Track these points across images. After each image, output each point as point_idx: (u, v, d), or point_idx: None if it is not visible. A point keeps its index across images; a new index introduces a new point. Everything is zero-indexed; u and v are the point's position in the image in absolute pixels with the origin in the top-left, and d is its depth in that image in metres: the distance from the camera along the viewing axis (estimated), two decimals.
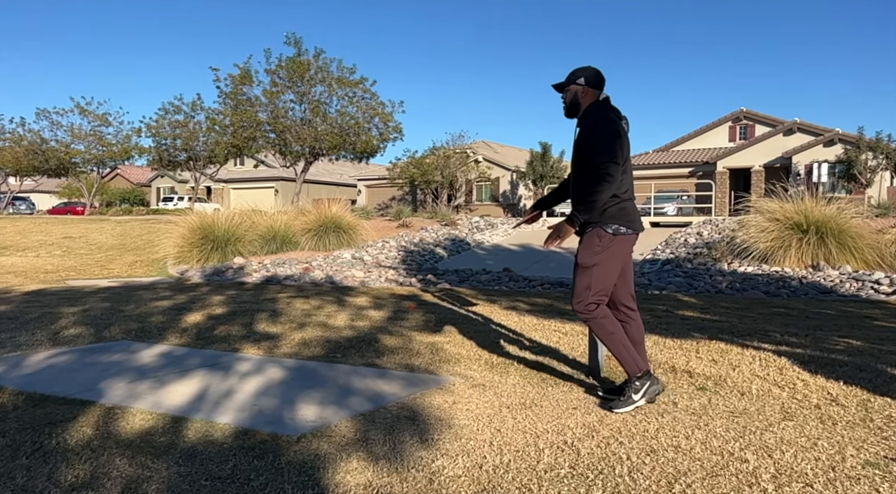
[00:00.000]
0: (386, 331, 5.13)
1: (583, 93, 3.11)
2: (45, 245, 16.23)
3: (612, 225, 3.02)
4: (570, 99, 3.14)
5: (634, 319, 3.24)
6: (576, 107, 3.14)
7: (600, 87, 3.12)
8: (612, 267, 3.07)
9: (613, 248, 3.03)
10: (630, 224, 3.06)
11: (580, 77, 3.10)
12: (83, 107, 31.53)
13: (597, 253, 3.03)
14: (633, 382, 3.03)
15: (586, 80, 3.09)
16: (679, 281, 8.65)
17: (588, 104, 3.12)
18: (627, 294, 3.23)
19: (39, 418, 2.89)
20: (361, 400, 3.22)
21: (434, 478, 2.27)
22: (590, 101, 3.11)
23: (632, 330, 3.20)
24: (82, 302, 6.78)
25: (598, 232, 3.03)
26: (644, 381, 3.04)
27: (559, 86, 3.19)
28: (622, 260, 3.10)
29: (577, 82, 3.10)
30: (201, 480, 2.23)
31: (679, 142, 32.99)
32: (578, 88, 3.11)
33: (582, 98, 3.12)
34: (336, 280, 9.37)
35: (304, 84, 23.03)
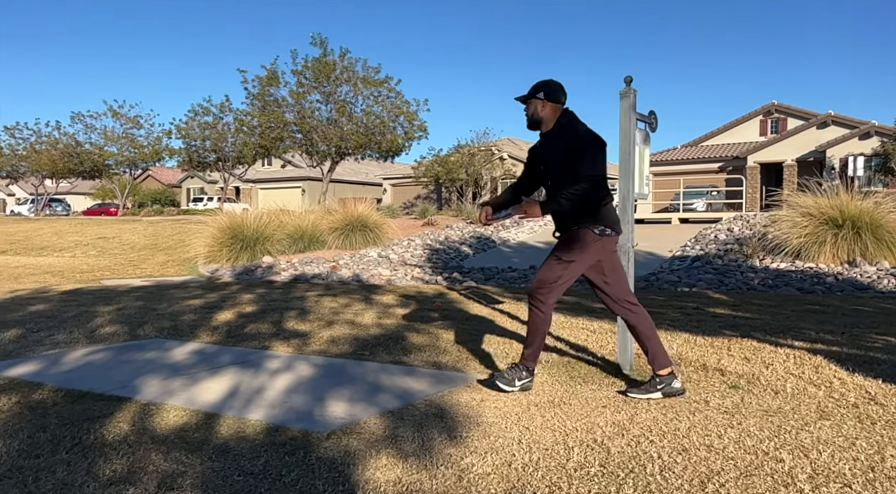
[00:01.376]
0: (413, 329, 5.15)
1: (542, 106, 3.21)
2: (80, 245, 16.64)
3: (598, 226, 3.15)
4: (532, 112, 3.25)
5: (638, 312, 3.29)
6: (537, 121, 3.25)
7: (561, 101, 3.23)
8: (584, 266, 3.22)
9: (595, 248, 3.17)
10: (614, 226, 3.22)
11: (540, 91, 3.21)
12: (116, 111, 32.25)
13: (580, 250, 3.16)
14: (522, 370, 3.26)
15: (546, 94, 3.20)
16: (709, 277, 8.52)
17: (557, 117, 3.22)
18: (626, 290, 3.32)
19: (78, 414, 2.96)
20: (390, 398, 3.24)
21: (463, 476, 2.27)
22: (552, 114, 3.22)
23: (640, 325, 3.26)
24: (117, 301, 6.94)
25: (587, 231, 3.15)
26: (529, 376, 3.26)
27: (522, 98, 3.28)
28: (595, 260, 3.22)
29: (538, 96, 3.21)
30: (234, 475, 2.27)
31: (708, 137, 32.45)
32: (539, 102, 3.21)
33: (542, 111, 3.22)
34: (363, 278, 9.43)
35: (330, 84, 23.20)
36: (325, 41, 22.94)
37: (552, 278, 3.18)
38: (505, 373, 3.27)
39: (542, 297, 3.19)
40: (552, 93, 3.19)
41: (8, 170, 35.68)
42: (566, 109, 3.24)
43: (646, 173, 3.86)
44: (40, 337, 4.87)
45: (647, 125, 3.86)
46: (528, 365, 3.28)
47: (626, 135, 3.64)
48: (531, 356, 3.28)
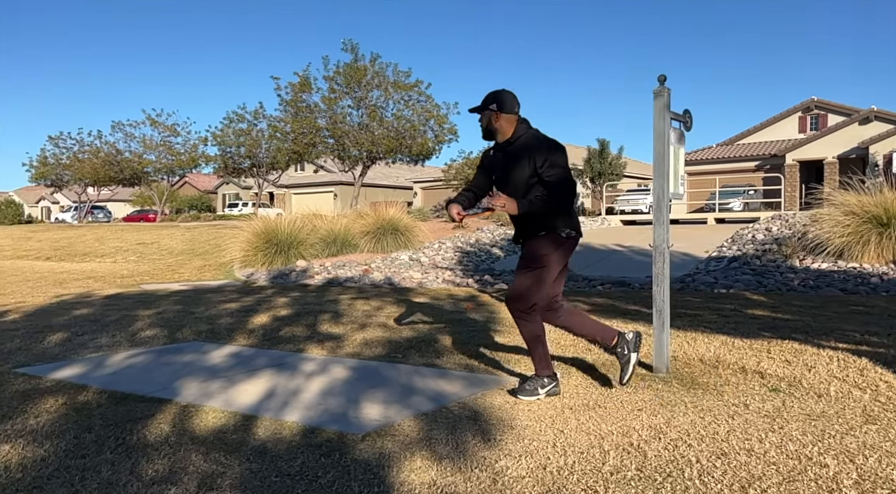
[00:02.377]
0: (445, 332, 5.16)
1: (496, 117, 3.24)
2: (121, 251, 17.11)
3: (564, 229, 3.20)
4: (486, 124, 3.27)
5: (563, 305, 3.41)
6: (492, 131, 3.27)
7: (515, 110, 3.25)
8: (555, 270, 3.25)
9: (562, 250, 3.23)
10: (577, 228, 3.28)
11: (493, 103, 3.24)
12: (154, 119, 33.08)
13: (548, 253, 3.19)
14: (542, 378, 3.23)
15: (498, 105, 3.22)
16: (747, 278, 8.33)
17: (514, 126, 3.25)
18: (559, 287, 3.40)
19: (121, 415, 3.05)
20: (423, 400, 3.25)
21: (498, 479, 2.26)
22: (507, 124, 3.24)
23: (570, 317, 3.42)
24: (156, 305, 7.11)
25: (553, 235, 3.19)
26: (552, 381, 3.25)
27: (475, 109, 3.30)
28: (564, 262, 3.30)
29: (490, 108, 3.23)
30: (272, 476, 2.30)
31: (744, 136, 31.77)
32: (492, 114, 3.24)
33: (496, 122, 3.24)
34: (394, 281, 9.48)
35: (361, 89, 23.42)
36: (357, 47, 23.19)
37: (524, 288, 3.20)
38: (526, 386, 3.24)
39: (522, 307, 3.21)
40: (505, 104, 3.23)
41: (53, 179, 36.85)
42: (522, 118, 3.27)
43: (681, 173, 3.80)
44: (84, 341, 5.02)
45: (682, 124, 3.81)
46: (544, 373, 3.25)
47: (660, 134, 3.59)
48: (542, 364, 3.26)
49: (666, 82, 3.57)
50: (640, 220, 18.95)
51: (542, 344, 3.29)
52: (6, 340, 5.02)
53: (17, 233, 23.50)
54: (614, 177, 27.99)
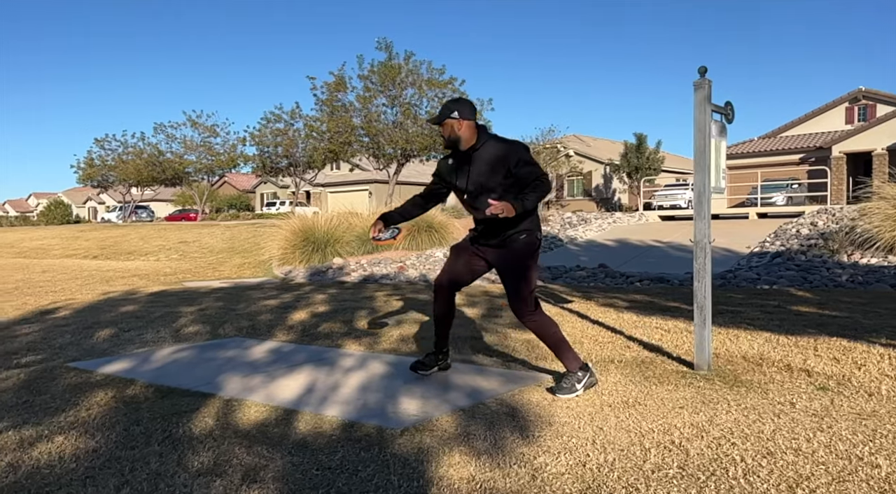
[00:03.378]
0: (481, 328, 5.15)
1: (459, 125, 3.24)
2: (163, 249, 17.57)
3: (537, 231, 3.31)
4: (449, 133, 3.27)
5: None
6: (455, 140, 3.27)
7: (475, 117, 3.30)
8: (537, 268, 3.34)
9: (538, 251, 3.33)
10: (540, 229, 3.38)
11: (454, 111, 3.24)
12: (194, 120, 33.88)
13: (532, 255, 3.28)
14: (576, 373, 3.24)
15: (460, 113, 3.24)
16: (791, 274, 8.11)
17: (475, 132, 3.27)
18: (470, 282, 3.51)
19: (167, 408, 3.13)
20: (460, 396, 3.26)
21: (537, 475, 2.25)
22: (469, 131, 3.26)
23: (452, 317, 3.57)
24: (198, 302, 7.29)
25: (531, 237, 3.26)
26: (586, 373, 3.27)
27: (435, 120, 3.30)
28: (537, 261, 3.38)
29: (453, 117, 3.24)
30: (312, 470, 2.34)
31: (787, 128, 30.87)
32: (454, 122, 3.24)
33: (459, 130, 3.25)
34: (429, 278, 9.51)
35: (396, 87, 23.52)
36: (391, 45, 23.28)
37: (524, 293, 3.26)
38: (563, 384, 3.24)
39: (530, 310, 3.28)
40: (467, 111, 3.25)
41: (99, 180, 38.06)
42: (480, 124, 3.31)
43: (722, 166, 3.72)
44: (131, 336, 5.18)
45: (723, 116, 3.72)
46: (574, 366, 3.26)
47: (700, 127, 3.52)
48: (570, 358, 3.28)
49: (707, 74, 3.50)
50: (679, 216, 18.60)
51: (562, 338, 3.33)
52: (58, 336, 5.21)
53: (67, 233, 24.34)
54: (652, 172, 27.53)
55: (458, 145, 3.27)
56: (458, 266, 3.45)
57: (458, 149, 3.29)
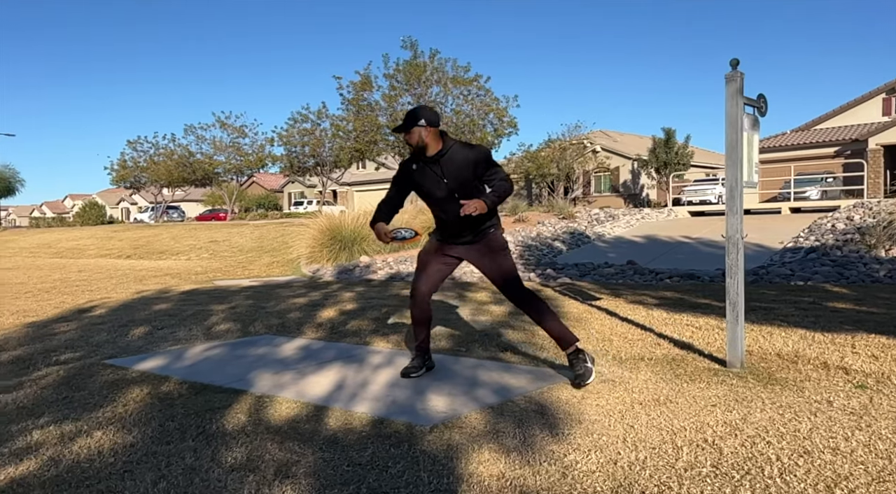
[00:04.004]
0: (508, 326, 5.14)
1: (426, 132, 3.35)
2: (194, 249, 17.88)
3: (501, 226, 3.56)
4: (416, 141, 3.37)
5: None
6: (423, 147, 3.38)
7: (439, 124, 3.42)
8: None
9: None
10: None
11: (421, 119, 3.34)
12: (223, 121, 34.37)
13: (505, 246, 3.53)
14: (579, 352, 3.42)
15: (427, 120, 3.35)
16: (826, 270, 7.92)
17: (439, 138, 3.40)
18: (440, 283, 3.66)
19: (201, 405, 3.19)
20: (488, 393, 3.25)
21: (567, 472, 2.24)
22: (434, 137, 3.38)
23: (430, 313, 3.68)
24: (229, 301, 7.40)
25: (499, 229, 3.55)
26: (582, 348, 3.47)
27: (401, 129, 3.40)
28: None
29: (419, 124, 3.34)
30: (343, 466, 2.36)
31: (821, 120, 30.13)
32: (422, 129, 3.34)
33: (427, 137, 3.36)
34: (455, 275, 9.52)
35: (421, 85, 23.57)
36: (416, 43, 23.34)
37: (516, 276, 3.50)
38: (577, 370, 3.34)
39: (526, 292, 3.49)
40: (432, 118, 3.36)
41: (131, 181, 38.89)
42: (441, 130, 3.44)
43: (755, 160, 3.65)
44: (164, 334, 5.28)
45: (756, 109, 3.65)
46: (575, 342, 3.45)
47: (732, 121, 3.45)
48: (570, 334, 3.46)
49: (738, 66, 3.43)
50: (709, 211, 18.30)
51: (555, 316, 3.49)
52: (94, 333, 5.34)
53: (101, 233, 24.93)
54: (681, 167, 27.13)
55: (425, 151, 3.39)
56: (433, 272, 3.57)
57: (425, 155, 3.40)
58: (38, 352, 4.58)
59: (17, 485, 2.24)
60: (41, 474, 2.34)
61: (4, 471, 2.37)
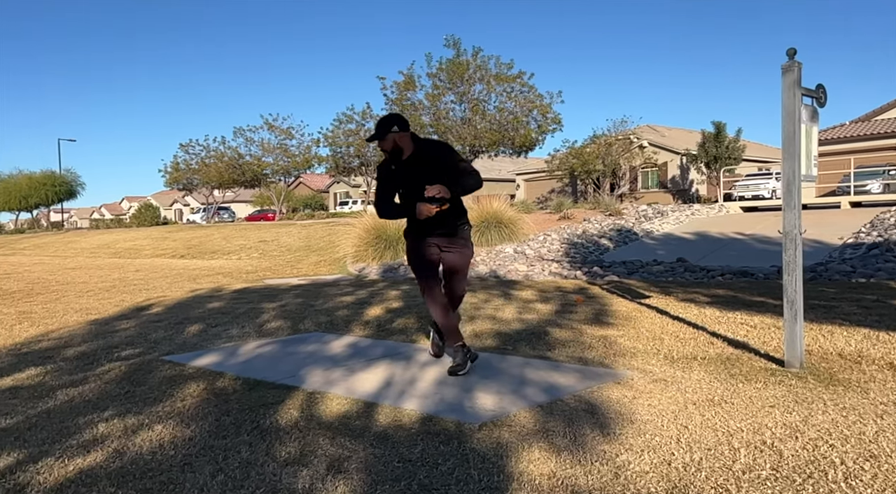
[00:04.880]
0: (555, 324, 5.10)
1: (401, 137, 3.62)
2: (244, 248, 18.33)
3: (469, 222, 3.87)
4: (392, 146, 3.63)
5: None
6: (399, 151, 3.65)
7: (409, 127, 3.68)
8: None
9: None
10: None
11: (394, 125, 3.60)
12: (271, 123, 35.10)
13: (470, 241, 3.84)
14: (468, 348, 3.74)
15: (400, 126, 3.62)
16: (891, 267, 7.57)
17: (412, 140, 3.66)
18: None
19: (254, 400, 3.27)
20: (537, 392, 3.23)
21: (620, 473, 2.21)
22: (408, 141, 3.65)
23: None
24: (279, 299, 7.56)
25: (469, 227, 3.86)
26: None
27: (377, 137, 3.62)
28: None
29: (393, 131, 3.60)
30: (394, 462, 2.39)
31: (883, 110, 28.78)
32: (396, 135, 3.61)
33: (401, 141, 3.63)
34: (499, 274, 9.49)
35: (464, 83, 23.56)
36: (459, 42, 23.34)
37: (467, 272, 3.88)
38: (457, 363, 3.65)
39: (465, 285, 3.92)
40: (404, 123, 3.64)
41: (184, 183, 40.12)
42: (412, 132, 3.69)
43: (813, 153, 3.52)
44: (218, 332, 5.44)
45: (814, 100, 3.52)
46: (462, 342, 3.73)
47: (789, 113, 3.33)
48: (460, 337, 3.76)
49: (796, 56, 3.31)
50: (763, 206, 17.75)
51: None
52: (152, 331, 5.54)
53: (156, 234, 25.82)
54: (732, 162, 26.35)
55: (401, 155, 3.65)
56: (434, 264, 3.78)
57: (400, 158, 3.66)
58: (101, 348, 4.78)
59: (86, 476, 2.35)
60: (107, 465, 2.44)
61: (74, 462, 2.48)
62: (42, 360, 4.43)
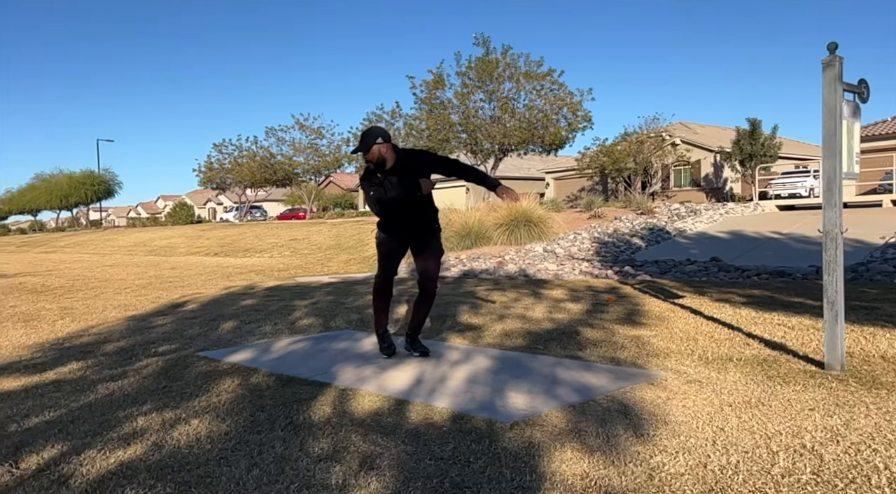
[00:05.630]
0: (586, 324, 5.05)
1: (385, 149, 3.83)
2: (276, 247, 18.58)
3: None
4: (378, 158, 3.84)
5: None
6: (383, 161, 3.85)
7: (390, 138, 3.90)
8: None
9: None
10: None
11: (378, 137, 3.83)
12: (302, 123, 35.50)
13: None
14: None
15: (384, 138, 3.84)
16: None
17: (393, 151, 3.86)
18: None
19: (288, 396, 3.32)
20: (568, 391, 3.21)
21: (654, 474, 2.18)
22: (391, 151, 3.85)
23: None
24: (310, 296, 7.65)
25: (439, 225, 4.17)
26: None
27: (362, 149, 3.83)
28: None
29: (378, 142, 3.81)
30: (426, 459, 2.39)
31: None
32: (381, 147, 3.82)
33: (386, 153, 3.83)
34: (529, 273, 9.44)
35: (493, 82, 23.49)
36: (488, 40, 23.28)
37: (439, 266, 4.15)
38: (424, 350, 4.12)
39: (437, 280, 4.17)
40: (387, 135, 3.88)
41: (217, 182, 40.82)
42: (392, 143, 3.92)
43: (855, 150, 3.42)
44: (252, 328, 5.52)
45: (857, 96, 3.42)
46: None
47: (830, 109, 3.25)
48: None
49: (837, 50, 3.22)
50: (800, 205, 17.34)
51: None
52: (188, 327, 5.65)
53: (190, 233, 26.34)
54: (768, 159, 25.77)
55: (384, 164, 3.85)
56: (397, 259, 4.15)
57: (384, 168, 3.86)
58: (139, 344, 4.90)
59: (126, 468, 2.41)
60: (146, 458, 2.50)
61: (114, 455, 2.55)
62: (83, 355, 4.55)
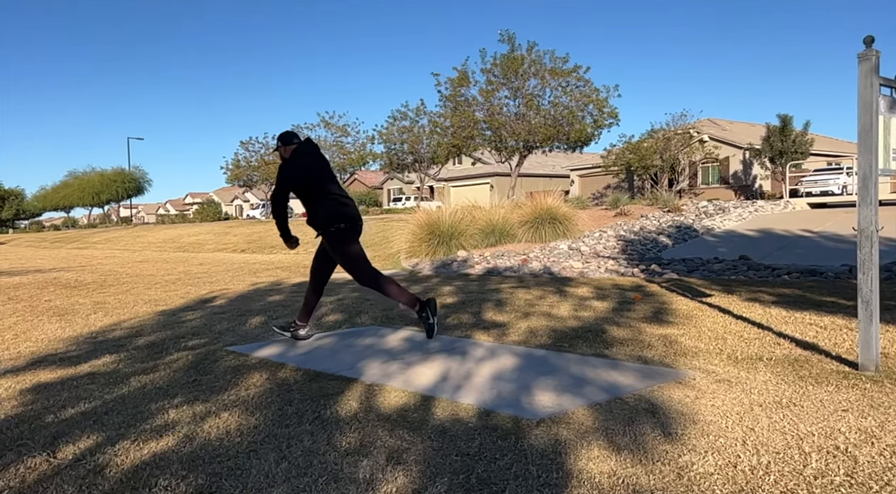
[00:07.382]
0: (612, 322, 5.02)
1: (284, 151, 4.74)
2: (302, 243, 18.74)
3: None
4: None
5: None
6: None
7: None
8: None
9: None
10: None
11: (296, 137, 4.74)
12: (327, 121, 35.79)
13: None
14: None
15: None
16: None
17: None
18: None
19: (315, 391, 3.35)
20: (595, 390, 3.20)
21: (683, 473, 2.16)
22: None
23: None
24: (336, 293, 7.71)
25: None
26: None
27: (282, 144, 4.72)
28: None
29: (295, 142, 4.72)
30: (452, 455, 2.40)
31: None
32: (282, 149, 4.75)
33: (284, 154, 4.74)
34: (553, 271, 9.39)
35: (518, 78, 23.40)
36: (513, 37, 23.19)
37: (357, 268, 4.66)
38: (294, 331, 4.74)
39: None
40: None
41: (244, 180, 41.37)
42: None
43: (892, 146, 3.34)
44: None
45: (893, 90, 3.33)
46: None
47: (866, 103, 3.17)
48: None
49: (874, 44, 3.15)
50: (832, 203, 16.97)
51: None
52: (217, 322, 5.74)
53: (218, 229, 26.72)
54: (799, 156, 25.26)
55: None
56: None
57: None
58: (169, 338, 5.00)
59: (159, 459, 2.46)
60: (178, 449, 2.56)
61: (147, 446, 2.61)
62: (116, 348, 4.66)
